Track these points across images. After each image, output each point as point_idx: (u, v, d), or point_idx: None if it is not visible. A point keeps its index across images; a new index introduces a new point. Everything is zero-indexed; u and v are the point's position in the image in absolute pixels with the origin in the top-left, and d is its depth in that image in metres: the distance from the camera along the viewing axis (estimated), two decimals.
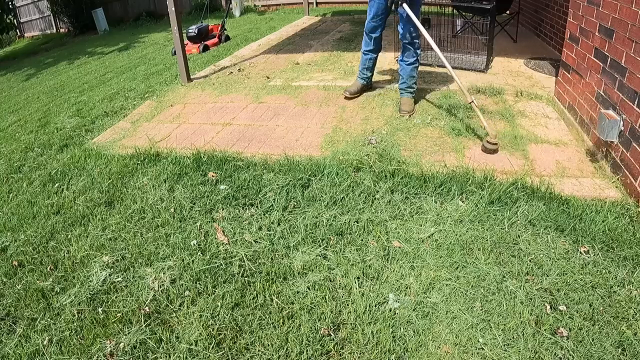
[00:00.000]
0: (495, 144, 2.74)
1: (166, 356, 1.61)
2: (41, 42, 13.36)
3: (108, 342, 1.67)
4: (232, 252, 2.07)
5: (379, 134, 3.09)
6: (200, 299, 1.83)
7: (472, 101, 2.84)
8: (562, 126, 3.07)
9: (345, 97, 3.71)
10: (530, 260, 1.89)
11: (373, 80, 3.85)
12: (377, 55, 3.66)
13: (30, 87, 7.16)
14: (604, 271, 1.82)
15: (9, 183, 3.08)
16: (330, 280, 1.87)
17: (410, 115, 3.33)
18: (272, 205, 2.37)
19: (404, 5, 3.07)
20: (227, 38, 7.45)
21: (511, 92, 3.60)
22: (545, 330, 1.58)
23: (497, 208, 2.21)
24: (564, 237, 2.01)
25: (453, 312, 1.69)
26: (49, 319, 1.82)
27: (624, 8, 2.34)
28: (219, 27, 7.44)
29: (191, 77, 4.76)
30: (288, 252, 2.05)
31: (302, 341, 1.61)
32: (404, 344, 1.59)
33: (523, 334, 1.58)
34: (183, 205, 2.44)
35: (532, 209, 2.18)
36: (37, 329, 1.78)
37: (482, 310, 1.69)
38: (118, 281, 1.97)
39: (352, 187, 2.45)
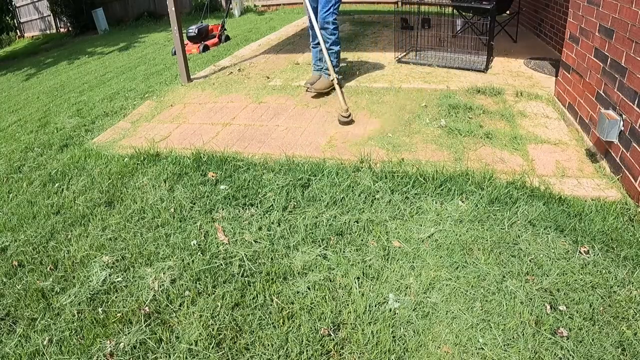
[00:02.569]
0: (348, 116, 3.21)
1: (166, 356, 1.61)
2: (41, 42, 13.37)
3: (108, 342, 1.67)
4: (232, 252, 2.07)
5: (379, 133, 3.09)
6: (200, 299, 1.83)
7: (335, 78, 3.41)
8: (562, 126, 3.07)
9: (307, 90, 3.91)
10: (530, 260, 1.89)
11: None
12: None
13: (30, 87, 7.16)
14: (604, 271, 1.82)
15: (9, 183, 3.08)
16: (330, 280, 1.87)
17: (308, 90, 3.81)
18: (272, 205, 2.37)
19: None
20: (227, 38, 7.45)
21: (511, 92, 3.61)
22: (545, 330, 1.58)
23: (497, 208, 2.21)
24: (564, 237, 2.01)
25: (453, 312, 1.69)
26: (49, 319, 1.82)
27: (624, 8, 2.34)
28: (219, 27, 7.44)
29: (191, 77, 4.76)
30: (288, 252, 2.05)
31: (302, 341, 1.61)
32: (404, 344, 1.58)
33: (523, 334, 1.58)
34: (183, 205, 2.44)
35: (532, 209, 2.18)
36: (37, 329, 1.78)
37: (482, 310, 1.69)
38: (118, 281, 1.97)
39: (352, 187, 2.45)
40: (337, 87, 3.31)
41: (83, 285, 1.97)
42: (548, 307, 1.68)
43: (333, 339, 1.62)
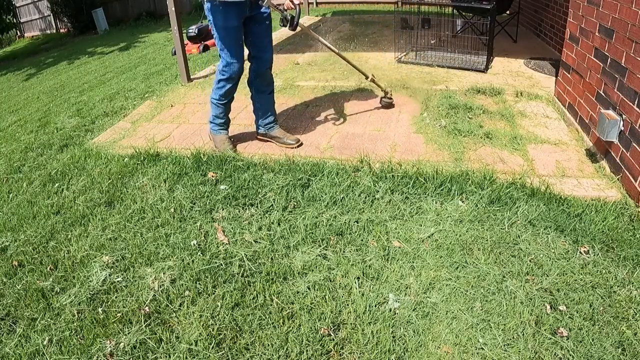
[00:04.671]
0: (391, 98, 3.38)
1: (166, 356, 1.61)
2: (41, 42, 13.37)
3: (108, 342, 1.67)
4: (232, 252, 2.07)
5: (380, 133, 3.09)
6: (200, 299, 1.83)
7: (371, 77, 3.21)
8: (562, 126, 3.07)
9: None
10: (530, 260, 1.89)
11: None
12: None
13: (30, 87, 7.16)
14: (604, 271, 1.82)
15: (9, 183, 3.08)
16: (330, 280, 1.87)
17: (299, 144, 2.99)
18: (272, 205, 2.37)
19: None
20: None
21: (511, 92, 3.61)
22: (545, 330, 1.58)
23: (497, 208, 2.21)
24: (564, 237, 2.01)
25: (453, 312, 1.69)
26: (49, 319, 1.81)
27: (624, 8, 2.34)
28: None
29: (191, 77, 4.76)
30: (288, 252, 2.05)
31: (302, 341, 1.61)
32: (404, 344, 1.58)
33: (523, 334, 1.58)
34: (183, 205, 2.44)
35: (532, 209, 2.18)
36: (37, 329, 1.78)
37: (482, 310, 1.69)
38: (118, 281, 1.97)
39: (352, 187, 2.45)
40: (375, 81, 3.23)
41: (83, 285, 1.97)
42: (548, 307, 1.67)
43: (333, 339, 1.62)
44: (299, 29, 2.73)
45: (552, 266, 1.86)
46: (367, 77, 3.22)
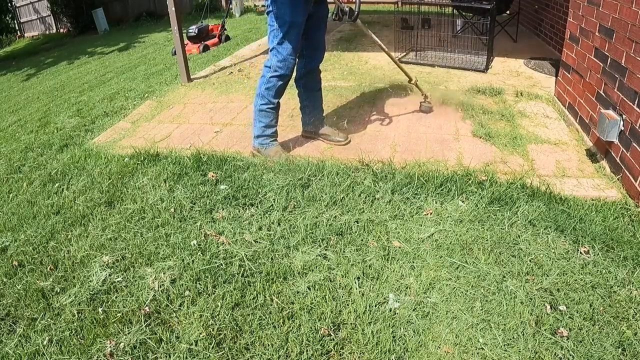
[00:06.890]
0: (430, 103, 3.30)
1: (166, 356, 1.61)
2: (41, 42, 13.37)
3: (108, 342, 1.67)
4: (232, 252, 2.06)
5: (380, 133, 3.09)
6: (200, 299, 1.83)
7: (415, 80, 3.14)
8: (562, 126, 3.07)
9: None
10: (530, 260, 1.89)
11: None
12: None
13: (30, 87, 7.17)
14: (604, 271, 1.82)
15: (9, 183, 3.08)
16: (331, 280, 1.87)
17: (348, 142, 2.99)
18: (272, 205, 2.37)
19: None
20: (227, 38, 7.46)
21: (511, 92, 3.61)
22: (545, 330, 1.58)
23: (497, 208, 2.21)
24: (564, 237, 2.01)
25: (453, 312, 1.69)
26: (49, 319, 1.81)
27: (624, 8, 2.34)
28: (219, 27, 7.45)
29: (191, 77, 4.76)
30: (288, 252, 2.05)
31: (302, 341, 1.61)
32: (404, 344, 1.58)
33: (523, 334, 1.58)
34: (183, 205, 2.44)
35: (532, 209, 2.18)
36: (37, 329, 1.78)
37: (482, 310, 1.69)
38: (118, 281, 1.97)
39: (352, 187, 2.45)
40: (417, 85, 3.15)
41: (83, 285, 1.97)
42: (548, 307, 1.67)
43: (333, 339, 1.62)
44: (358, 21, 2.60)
45: (552, 266, 1.86)
46: (410, 80, 3.12)
